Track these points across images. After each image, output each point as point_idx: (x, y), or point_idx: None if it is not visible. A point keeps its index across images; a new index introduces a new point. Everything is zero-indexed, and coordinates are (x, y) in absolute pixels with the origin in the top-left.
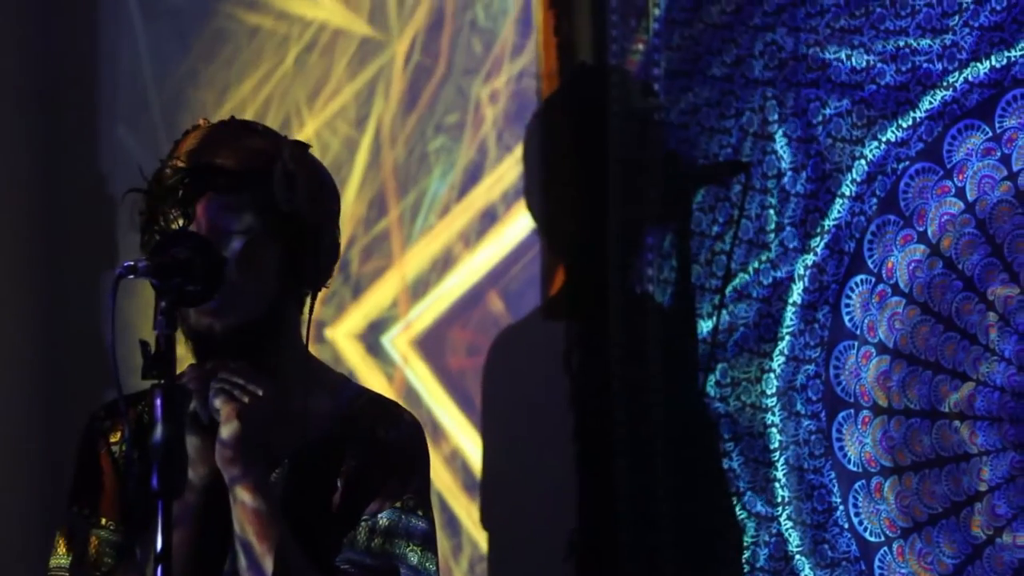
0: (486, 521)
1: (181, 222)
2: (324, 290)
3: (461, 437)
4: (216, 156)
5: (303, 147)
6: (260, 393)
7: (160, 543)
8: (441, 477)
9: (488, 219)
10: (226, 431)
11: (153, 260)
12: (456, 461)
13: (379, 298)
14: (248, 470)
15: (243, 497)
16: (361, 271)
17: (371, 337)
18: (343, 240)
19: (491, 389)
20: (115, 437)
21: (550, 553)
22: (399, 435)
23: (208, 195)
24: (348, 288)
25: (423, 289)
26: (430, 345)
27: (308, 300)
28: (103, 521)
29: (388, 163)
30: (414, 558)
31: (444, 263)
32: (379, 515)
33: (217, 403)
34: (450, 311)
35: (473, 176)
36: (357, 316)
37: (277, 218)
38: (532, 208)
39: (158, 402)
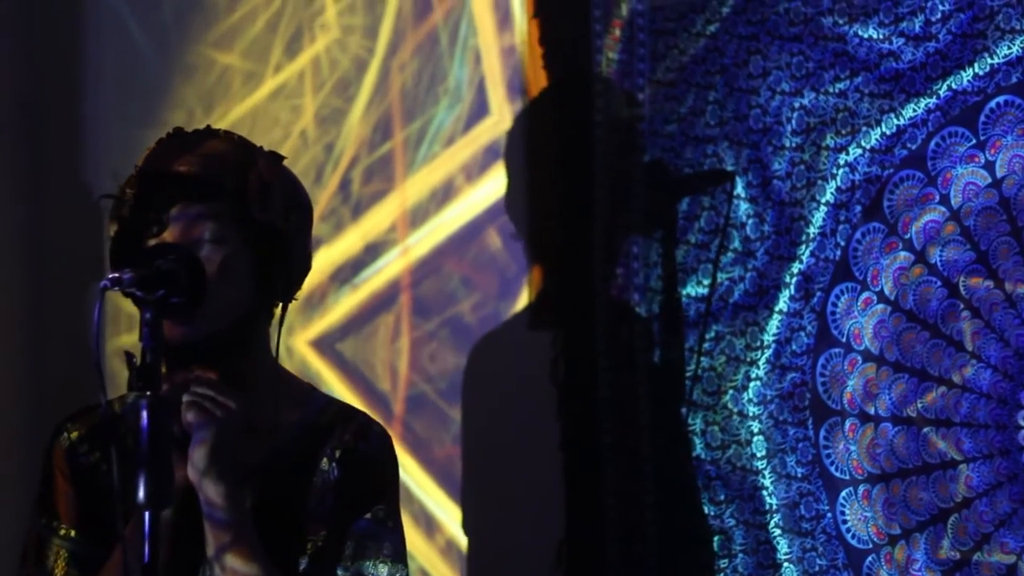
0: (471, 529)
1: (154, 230)
2: (293, 302)
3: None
4: (186, 163)
5: (278, 158)
6: (232, 406)
7: (147, 555)
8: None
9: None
10: (198, 445)
11: (137, 272)
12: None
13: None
14: (221, 483)
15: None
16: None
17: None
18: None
19: (476, 398)
20: (83, 447)
21: (538, 563)
22: (369, 446)
23: (180, 203)
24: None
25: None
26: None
27: (278, 311)
28: (70, 533)
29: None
30: (384, 569)
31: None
32: (351, 526)
33: (190, 416)
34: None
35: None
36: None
37: (251, 228)
38: (516, 217)
39: (144, 414)
